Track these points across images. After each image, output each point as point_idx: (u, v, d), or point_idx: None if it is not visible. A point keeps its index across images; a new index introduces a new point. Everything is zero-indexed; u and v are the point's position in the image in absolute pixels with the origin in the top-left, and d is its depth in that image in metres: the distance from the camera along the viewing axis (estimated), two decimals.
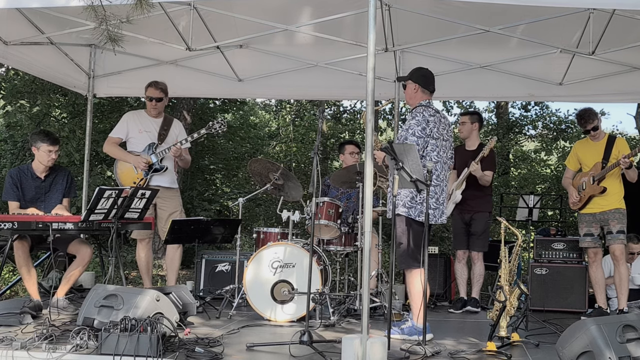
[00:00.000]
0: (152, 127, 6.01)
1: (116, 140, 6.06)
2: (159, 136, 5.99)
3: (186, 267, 10.37)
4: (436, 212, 4.72)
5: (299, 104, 15.46)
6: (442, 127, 4.76)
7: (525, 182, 13.59)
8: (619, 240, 5.57)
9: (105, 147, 6.12)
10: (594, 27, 5.25)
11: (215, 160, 13.11)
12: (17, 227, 4.82)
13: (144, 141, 5.97)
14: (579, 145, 6.08)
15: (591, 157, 5.76)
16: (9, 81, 10.60)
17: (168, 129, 6.05)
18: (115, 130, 6.13)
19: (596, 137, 5.77)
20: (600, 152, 5.68)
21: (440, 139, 4.74)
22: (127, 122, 6.08)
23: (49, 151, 5.47)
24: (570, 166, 6.01)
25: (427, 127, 4.65)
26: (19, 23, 5.83)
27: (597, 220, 5.69)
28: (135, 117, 6.14)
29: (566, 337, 3.80)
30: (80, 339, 3.92)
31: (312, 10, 5.72)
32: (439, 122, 4.74)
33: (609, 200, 5.62)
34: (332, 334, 4.74)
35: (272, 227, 6.10)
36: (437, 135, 4.71)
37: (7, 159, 11.67)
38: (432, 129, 4.67)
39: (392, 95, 7.27)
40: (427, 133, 4.65)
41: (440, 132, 4.74)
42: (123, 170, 5.97)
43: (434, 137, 4.68)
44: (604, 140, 5.74)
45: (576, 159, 5.94)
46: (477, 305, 6.04)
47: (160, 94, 5.99)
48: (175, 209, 5.98)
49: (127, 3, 3.63)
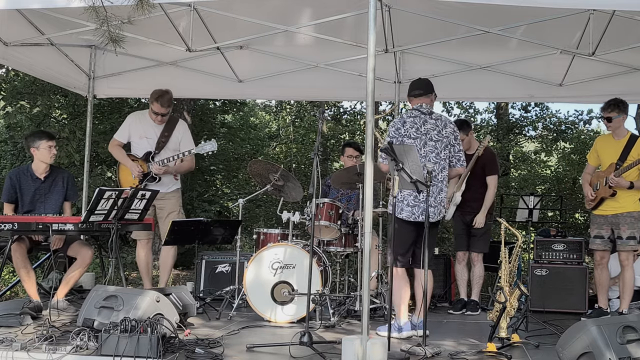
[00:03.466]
0: (152, 134, 5.98)
1: (119, 143, 6.08)
2: (158, 144, 5.96)
3: (186, 268, 10.38)
4: (415, 209, 4.74)
5: (299, 105, 15.46)
6: (428, 127, 4.82)
7: (525, 183, 13.58)
8: (628, 247, 5.45)
9: (110, 148, 6.17)
10: (594, 28, 5.25)
11: (215, 161, 13.10)
12: (17, 228, 4.82)
13: (144, 147, 5.97)
14: (600, 141, 5.90)
15: (608, 156, 5.57)
16: (9, 82, 10.59)
17: (169, 135, 6.01)
18: (118, 132, 6.14)
19: (617, 133, 5.57)
20: (618, 151, 5.49)
21: (422, 139, 4.79)
22: (129, 126, 6.09)
23: (49, 147, 5.52)
24: (591, 162, 5.84)
25: (403, 127, 4.81)
26: (19, 24, 5.83)
27: (609, 223, 5.55)
28: (138, 120, 6.11)
29: (566, 338, 3.81)
30: (81, 339, 3.93)
31: (312, 11, 5.72)
32: (424, 123, 4.83)
33: (622, 203, 5.46)
34: (332, 335, 4.74)
35: (273, 228, 6.10)
36: (416, 135, 4.79)
37: (7, 160, 11.68)
38: (408, 129, 4.80)
39: (392, 96, 7.29)
40: (401, 133, 4.79)
41: (421, 132, 4.81)
42: (124, 172, 6.01)
43: (411, 137, 4.79)
44: (625, 138, 5.54)
45: (596, 155, 5.75)
46: (476, 308, 6.04)
47: (167, 109, 5.93)
48: (173, 209, 5.98)
49: (128, 4, 3.63)
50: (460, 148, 4.98)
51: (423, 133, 4.82)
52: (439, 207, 4.84)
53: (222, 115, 13.99)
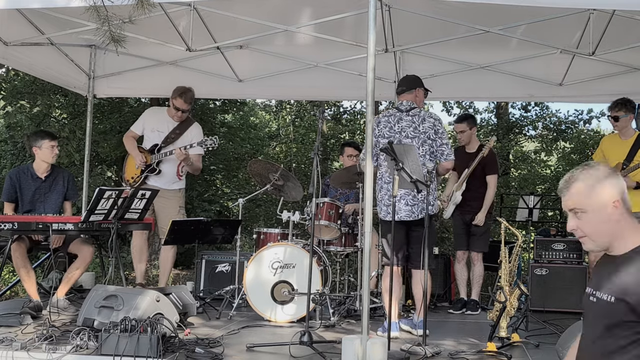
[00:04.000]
0: (165, 128, 6.08)
1: (134, 135, 6.20)
2: (166, 138, 6.04)
3: (186, 268, 10.38)
4: (389, 208, 4.70)
5: (299, 105, 15.46)
6: (403, 125, 4.84)
7: (525, 182, 13.60)
8: None
9: (124, 138, 6.29)
10: (594, 28, 5.25)
11: (215, 160, 13.11)
12: (17, 228, 4.82)
13: (152, 140, 6.09)
14: (606, 140, 5.90)
15: (615, 156, 5.54)
16: (9, 82, 10.60)
17: (181, 133, 6.08)
18: (134, 124, 6.29)
19: (622, 131, 5.57)
20: (625, 151, 5.48)
21: (396, 137, 4.80)
22: (144, 119, 6.24)
23: (51, 146, 5.55)
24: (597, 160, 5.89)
25: (377, 127, 4.89)
26: (19, 24, 5.83)
27: None
28: (154, 113, 6.32)
29: (566, 338, 3.80)
30: (81, 339, 3.92)
31: (312, 10, 5.71)
32: (399, 121, 4.86)
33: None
34: (332, 335, 4.74)
35: (272, 228, 6.10)
36: (389, 134, 4.83)
37: (7, 159, 11.68)
38: (381, 129, 4.87)
39: (391, 96, 7.27)
40: (375, 134, 4.84)
41: (395, 130, 4.84)
42: (129, 162, 6.14)
43: (384, 136, 4.84)
44: (632, 139, 5.53)
45: (602, 154, 5.73)
46: (475, 308, 6.04)
47: (189, 107, 6.10)
48: (173, 209, 5.99)
49: (129, 3, 3.63)
50: (443, 142, 4.84)
51: (397, 131, 4.84)
52: (419, 205, 4.75)
53: (222, 115, 13.99)
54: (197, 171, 6.35)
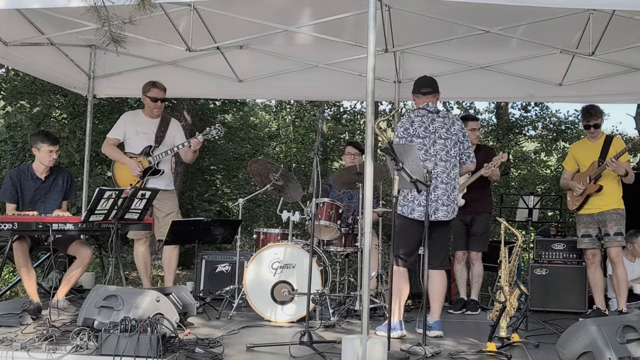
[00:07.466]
0: (149, 129, 6.01)
1: (114, 142, 6.06)
2: (156, 138, 6.00)
3: (186, 268, 10.37)
4: (404, 208, 4.79)
5: (299, 105, 15.45)
6: (437, 125, 4.85)
7: (525, 182, 13.59)
8: (616, 243, 5.55)
9: (104, 148, 6.12)
10: (594, 28, 5.25)
11: (215, 160, 13.11)
12: (17, 228, 4.82)
13: (141, 143, 5.98)
14: (575, 147, 6.12)
15: (588, 157, 5.74)
16: (9, 82, 10.59)
17: (165, 130, 6.07)
18: (112, 131, 6.13)
19: (594, 136, 5.76)
20: (597, 151, 5.67)
21: (431, 137, 4.81)
22: (124, 123, 6.09)
23: (49, 151, 5.49)
24: (568, 167, 5.99)
25: (411, 127, 4.84)
26: (19, 24, 5.83)
27: (595, 221, 5.66)
28: (133, 118, 6.15)
29: (566, 338, 3.81)
30: (81, 339, 3.93)
31: (312, 10, 5.72)
32: (432, 122, 4.86)
33: (607, 201, 5.59)
34: (332, 335, 4.74)
35: (272, 228, 6.10)
36: (425, 134, 4.82)
37: (7, 159, 11.67)
38: (416, 128, 4.83)
39: (391, 96, 7.28)
40: (410, 133, 4.82)
41: (430, 131, 4.83)
42: (120, 171, 5.97)
43: (419, 136, 4.81)
44: (601, 140, 5.73)
45: (573, 160, 5.93)
46: (475, 308, 6.04)
47: (164, 94, 6.05)
48: (172, 210, 5.99)
49: (130, 3, 3.62)
50: (469, 145, 5.00)
51: (432, 132, 4.84)
52: (452, 205, 4.84)
53: (222, 115, 13.98)
54: (193, 160, 6.40)
